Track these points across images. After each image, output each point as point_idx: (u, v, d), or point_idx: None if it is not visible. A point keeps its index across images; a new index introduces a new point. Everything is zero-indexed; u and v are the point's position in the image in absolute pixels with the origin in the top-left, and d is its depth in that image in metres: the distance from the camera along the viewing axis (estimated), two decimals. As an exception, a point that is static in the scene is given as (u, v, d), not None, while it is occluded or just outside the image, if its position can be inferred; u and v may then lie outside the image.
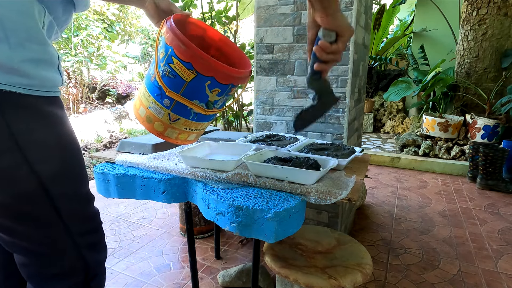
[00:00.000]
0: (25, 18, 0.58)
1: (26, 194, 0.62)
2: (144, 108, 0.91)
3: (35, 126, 0.61)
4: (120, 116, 5.45)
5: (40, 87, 0.61)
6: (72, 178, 0.69)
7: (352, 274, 1.02)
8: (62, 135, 0.66)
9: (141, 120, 0.92)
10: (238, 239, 1.96)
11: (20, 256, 0.68)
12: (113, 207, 2.42)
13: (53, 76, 0.64)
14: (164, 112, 0.88)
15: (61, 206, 0.66)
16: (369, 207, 2.46)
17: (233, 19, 2.89)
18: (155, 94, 0.87)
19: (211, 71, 0.81)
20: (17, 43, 0.57)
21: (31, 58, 0.59)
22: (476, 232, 2.07)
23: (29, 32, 0.58)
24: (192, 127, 0.93)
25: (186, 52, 0.78)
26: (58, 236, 0.68)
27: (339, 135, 1.62)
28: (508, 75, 3.41)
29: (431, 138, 3.72)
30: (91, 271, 0.74)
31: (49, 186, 0.63)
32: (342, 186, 0.98)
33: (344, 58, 1.54)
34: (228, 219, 0.91)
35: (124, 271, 1.66)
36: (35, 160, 0.61)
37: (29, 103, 0.60)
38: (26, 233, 0.65)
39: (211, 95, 0.86)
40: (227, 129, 3.19)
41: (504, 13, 3.45)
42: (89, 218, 0.74)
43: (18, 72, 0.57)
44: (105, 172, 1.19)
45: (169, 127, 0.90)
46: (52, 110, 0.64)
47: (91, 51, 5.46)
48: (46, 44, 0.62)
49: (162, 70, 0.84)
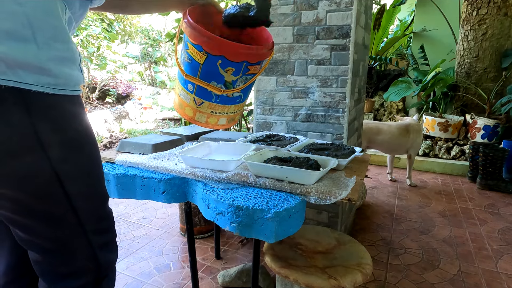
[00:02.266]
0: (50, 17, 0.58)
1: (45, 193, 0.62)
2: (177, 95, 0.97)
3: (59, 126, 0.61)
4: (120, 116, 5.45)
5: (64, 86, 0.61)
6: (90, 177, 0.69)
7: (352, 274, 1.02)
8: (83, 134, 0.66)
9: (176, 107, 0.99)
10: (238, 239, 1.95)
11: (34, 253, 0.68)
12: (113, 207, 2.42)
13: (76, 74, 0.64)
14: (190, 97, 0.92)
15: (79, 205, 0.66)
16: (369, 207, 2.46)
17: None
18: (181, 80, 0.92)
19: (218, 49, 0.83)
20: (44, 42, 0.56)
21: (57, 56, 0.59)
22: (476, 232, 2.07)
23: (55, 30, 0.58)
24: (219, 111, 0.95)
25: (194, 34, 0.82)
26: (74, 235, 0.68)
27: (339, 135, 1.62)
28: (508, 75, 3.41)
29: (431, 138, 3.72)
30: (103, 271, 0.74)
31: (68, 185, 0.64)
32: (342, 186, 0.98)
33: (344, 58, 1.54)
34: (228, 219, 0.91)
35: (124, 271, 1.66)
36: (57, 160, 0.61)
37: (55, 102, 0.60)
38: (42, 231, 0.65)
39: (226, 74, 0.88)
40: (227, 129, 3.19)
41: (504, 13, 3.45)
42: (104, 217, 0.75)
43: (46, 72, 0.57)
44: (105, 172, 1.19)
45: (197, 112, 0.94)
46: (75, 109, 0.64)
47: (91, 51, 5.46)
48: (69, 42, 0.62)
49: (183, 57, 0.90)
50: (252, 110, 2.84)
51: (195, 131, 1.65)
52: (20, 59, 0.54)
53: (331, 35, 1.54)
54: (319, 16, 1.55)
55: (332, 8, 1.51)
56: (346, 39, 1.52)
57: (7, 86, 0.53)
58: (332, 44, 1.55)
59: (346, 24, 1.50)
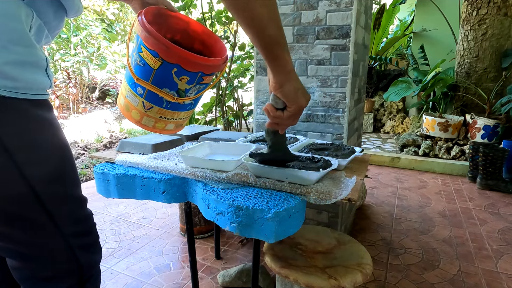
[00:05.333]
0: (9, 20, 0.57)
1: (16, 198, 0.61)
2: (123, 97, 0.93)
3: (22, 129, 0.60)
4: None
5: (25, 90, 0.60)
6: (63, 180, 0.69)
7: (352, 274, 1.02)
8: (51, 138, 0.66)
9: (121, 109, 0.94)
10: (238, 239, 1.95)
11: (12, 260, 0.68)
12: (113, 207, 2.42)
13: (41, 78, 0.63)
14: (138, 100, 0.89)
15: (53, 208, 0.66)
16: (369, 207, 2.46)
17: (233, 19, 2.89)
18: (130, 82, 0.89)
19: (175, 58, 0.81)
20: (1, 45, 0.55)
21: (16, 60, 0.58)
22: (476, 232, 2.07)
23: (14, 34, 0.57)
24: (168, 116, 0.93)
25: (150, 40, 0.80)
26: (51, 239, 0.67)
27: (339, 135, 1.62)
28: (508, 75, 3.41)
29: (431, 138, 3.72)
30: (86, 272, 0.73)
31: (40, 189, 0.63)
32: (342, 186, 0.98)
33: (344, 58, 1.54)
34: (228, 219, 0.91)
35: (124, 271, 1.66)
36: (24, 163, 0.60)
37: (15, 106, 0.59)
38: (18, 237, 0.64)
39: (180, 83, 0.86)
40: (227, 129, 3.19)
41: (504, 13, 3.45)
42: (82, 220, 0.74)
43: (2, 75, 0.56)
44: (105, 172, 1.19)
45: (145, 115, 0.91)
46: (40, 113, 0.63)
47: (91, 51, 5.46)
48: (32, 47, 0.61)
49: (134, 59, 0.86)
50: (252, 110, 2.85)
51: (195, 131, 1.65)
52: None
53: (331, 35, 1.54)
54: (319, 16, 1.55)
55: (332, 8, 1.51)
56: (346, 39, 1.52)
57: None
58: (332, 44, 1.55)
59: (346, 24, 1.50)
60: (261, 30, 0.65)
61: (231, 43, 2.93)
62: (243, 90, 3.30)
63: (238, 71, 3.14)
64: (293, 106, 0.74)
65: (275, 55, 0.68)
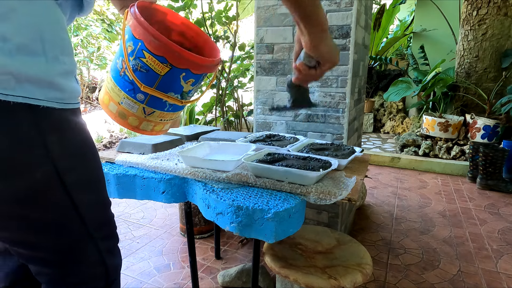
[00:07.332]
0: (59, 29, 0.56)
1: (55, 205, 0.61)
2: (115, 103, 0.87)
3: (65, 139, 0.61)
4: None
5: (69, 100, 0.60)
6: (94, 184, 0.69)
7: (352, 274, 1.02)
8: (86, 144, 0.66)
9: (113, 116, 0.88)
10: (238, 239, 1.96)
11: (39, 267, 0.66)
12: (113, 207, 2.42)
13: (77, 86, 0.63)
14: (138, 107, 0.85)
15: (85, 213, 0.66)
16: (369, 207, 2.46)
17: (233, 19, 2.89)
18: (127, 89, 0.83)
19: (186, 63, 0.79)
20: (53, 56, 0.55)
21: (64, 71, 0.58)
22: (476, 232, 2.07)
23: (63, 43, 0.57)
24: (167, 118, 0.92)
25: (159, 46, 0.75)
26: (82, 243, 0.67)
27: (339, 135, 1.62)
28: (508, 75, 3.41)
29: (431, 138, 3.72)
30: (111, 276, 0.73)
31: (74, 194, 0.63)
32: (342, 186, 0.98)
33: (344, 58, 1.54)
34: (228, 219, 0.91)
35: (124, 271, 1.66)
36: (65, 171, 0.60)
37: (61, 116, 0.59)
38: (50, 244, 0.64)
39: (185, 85, 0.84)
40: (227, 129, 3.19)
41: (504, 13, 3.44)
42: (107, 223, 0.74)
43: (54, 86, 0.56)
44: (105, 172, 1.19)
45: (144, 121, 0.88)
46: (78, 121, 0.64)
47: (91, 51, 5.46)
48: (73, 55, 0.61)
49: (133, 64, 0.80)
50: (252, 110, 2.85)
51: (195, 131, 1.65)
52: (30, 73, 0.53)
53: (331, 35, 1.54)
54: (319, 16, 1.55)
55: (332, 8, 1.51)
56: (346, 39, 1.52)
57: (16, 102, 0.52)
58: (332, 44, 1.55)
59: (346, 24, 1.50)
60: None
61: (231, 43, 2.93)
62: (243, 90, 3.30)
63: (238, 71, 3.14)
64: (328, 64, 0.73)
65: (311, 13, 0.65)
